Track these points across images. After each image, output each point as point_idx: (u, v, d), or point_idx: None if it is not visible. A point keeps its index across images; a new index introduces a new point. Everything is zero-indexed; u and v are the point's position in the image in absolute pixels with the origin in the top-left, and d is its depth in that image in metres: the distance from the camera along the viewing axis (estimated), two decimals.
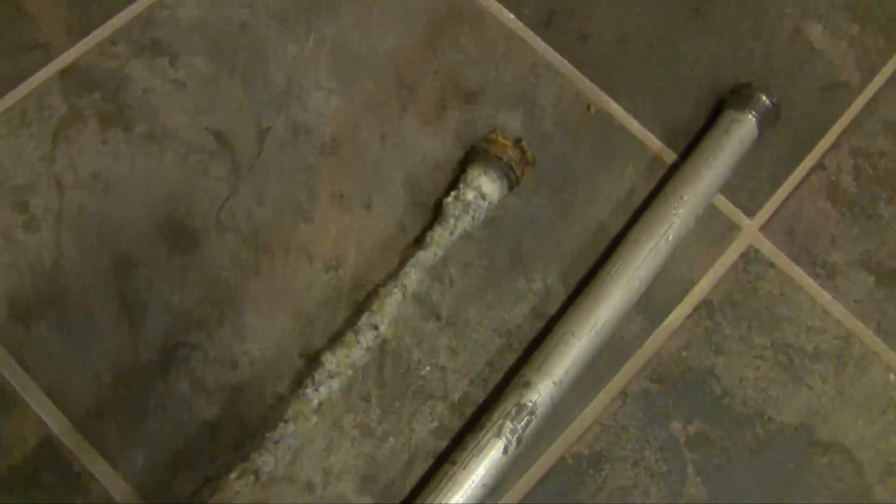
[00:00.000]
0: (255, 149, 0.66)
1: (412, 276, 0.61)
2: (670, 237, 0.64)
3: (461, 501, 0.57)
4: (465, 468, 0.58)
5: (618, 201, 0.68)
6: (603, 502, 0.61)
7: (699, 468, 0.63)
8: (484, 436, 0.58)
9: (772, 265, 0.68)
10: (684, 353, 0.65)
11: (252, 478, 0.55)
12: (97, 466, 0.58)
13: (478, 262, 0.65)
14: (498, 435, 0.58)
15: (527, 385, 0.60)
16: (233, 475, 0.55)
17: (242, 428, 0.60)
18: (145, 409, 0.60)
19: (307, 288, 0.63)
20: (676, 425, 0.63)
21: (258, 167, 0.66)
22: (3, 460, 0.58)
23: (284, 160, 0.66)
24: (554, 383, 0.60)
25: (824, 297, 0.68)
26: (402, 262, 0.62)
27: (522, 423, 0.59)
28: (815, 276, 0.68)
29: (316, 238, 0.64)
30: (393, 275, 0.62)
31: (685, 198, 0.65)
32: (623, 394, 0.64)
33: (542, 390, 0.59)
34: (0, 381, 0.59)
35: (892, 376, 0.66)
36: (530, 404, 0.59)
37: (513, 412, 0.59)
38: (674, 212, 0.65)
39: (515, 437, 0.58)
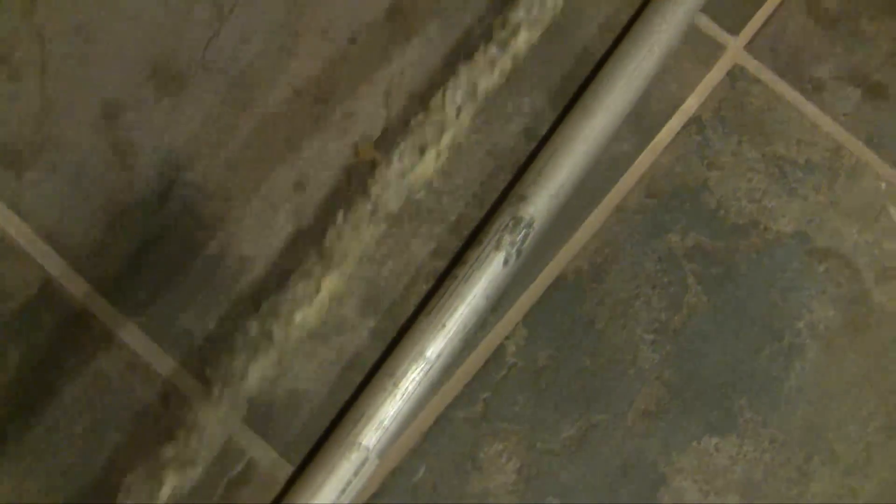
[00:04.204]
0: None
1: None
2: (655, 52, 0.62)
3: (465, 313, 0.55)
4: (466, 281, 0.56)
5: (600, 25, 0.66)
6: (606, 314, 0.59)
7: (699, 278, 0.61)
8: (484, 249, 0.57)
9: (758, 81, 0.66)
10: (677, 169, 0.63)
11: None
12: (98, 306, 0.57)
13: None
14: (497, 247, 0.56)
15: (522, 199, 0.58)
16: None
17: (241, 260, 0.58)
18: (143, 247, 0.58)
19: (296, 121, 0.61)
20: (674, 238, 0.62)
21: (240, 6, 0.63)
22: (5, 306, 0.56)
23: None
24: (549, 196, 0.58)
25: (812, 111, 0.66)
26: None
27: (520, 236, 0.57)
28: (802, 91, 0.66)
29: (303, 72, 0.62)
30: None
31: (667, 15, 0.63)
32: (619, 209, 0.62)
33: (538, 203, 0.58)
34: None
35: (882, 185, 0.65)
36: (527, 217, 0.57)
37: (510, 225, 0.57)
38: (657, 28, 0.63)
39: (515, 250, 0.57)
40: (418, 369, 0.54)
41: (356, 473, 0.53)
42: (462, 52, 0.62)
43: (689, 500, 0.57)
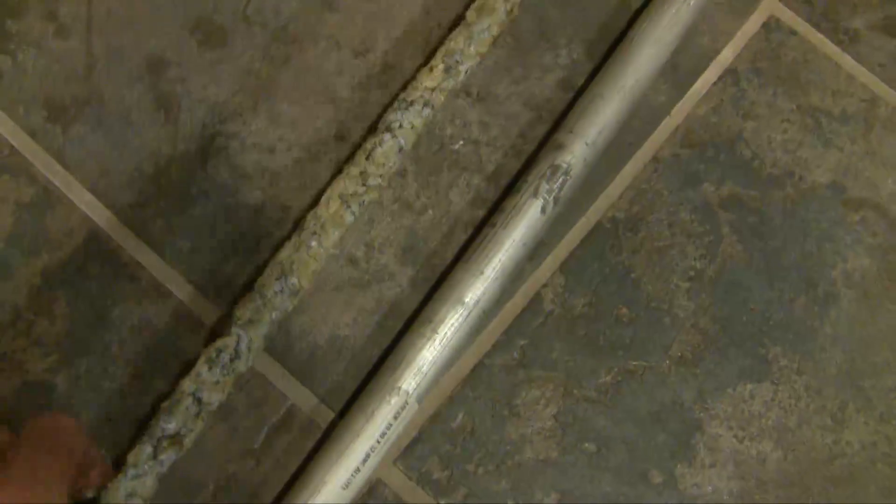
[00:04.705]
0: None
1: None
2: (691, 3, 0.62)
3: (502, 260, 0.56)
4: (504, 228, 0.57)
5: None
6: (642, 262, 0.60)
7: (734, 227, 0.61)
8: (521, 197, 0.57)
9: (794, 33, 0.66)
10: (713, 119, 0.63)
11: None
12: (144, 255, 0.58)
13: (503, 40, 0.63)
14: (535, 195, 0.57)
15: (560, 147, 0.58)
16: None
17: (284, 210, 0.59)
18: (188, 197, 0.59)
19: (338, 74, 0.62)
20: (709, 187, 0.62)
21: None
22: (52, 256, 0.57)
23: None
24: (587, 144, 0.58)
25: (848, 62, 0.66)
26: None
27: (558, 184, 0.57)
28: (838, 43, 0.66)
29: (343, 26, 0.63)
30: None
31: None
32: (655, 159, 0.62)
33: (575, 151, 0.58)
34: (43, 182, 0.58)
35: None
36: (564, 165, 0.57)
37: (548, 173, 0.58)
38: None
39: (552, 198, 0.57)
40: (456, 315, 0.55)
41: (396, 417, 0.53)
42: None
43: (723, 446, 0.58)
